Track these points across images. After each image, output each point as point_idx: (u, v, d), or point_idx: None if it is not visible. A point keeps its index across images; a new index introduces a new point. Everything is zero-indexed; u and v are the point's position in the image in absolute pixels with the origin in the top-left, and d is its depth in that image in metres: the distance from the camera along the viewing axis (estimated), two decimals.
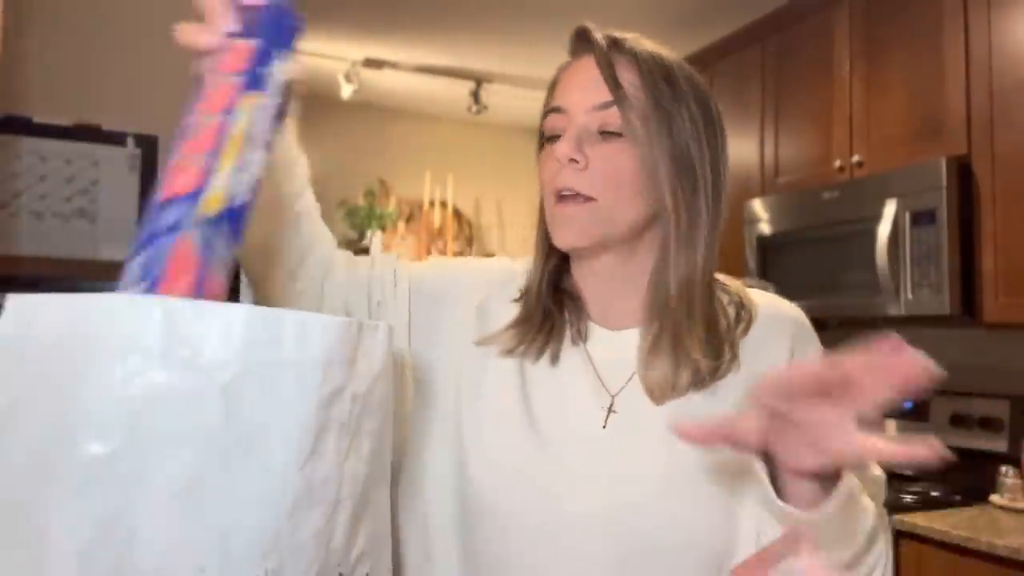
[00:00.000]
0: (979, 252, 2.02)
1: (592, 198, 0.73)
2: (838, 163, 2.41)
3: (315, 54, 3.71)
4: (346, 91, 3.82)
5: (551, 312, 0.80)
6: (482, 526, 0.73)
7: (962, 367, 2.34)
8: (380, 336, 0.58)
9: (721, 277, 0.81)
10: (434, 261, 0.94)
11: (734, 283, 0.81)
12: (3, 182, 2.10)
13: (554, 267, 0.82)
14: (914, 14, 2.22)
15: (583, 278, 0.81)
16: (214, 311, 0.49)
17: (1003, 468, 2.01)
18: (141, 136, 2.25)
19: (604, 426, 0.74)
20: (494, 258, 0.91)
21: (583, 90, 0.76)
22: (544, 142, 0.79)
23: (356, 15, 3.30)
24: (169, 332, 0.48)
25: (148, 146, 2.26)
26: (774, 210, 2.55)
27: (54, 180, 2.15)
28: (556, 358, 0.78)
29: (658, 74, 0.75)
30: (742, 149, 2.80)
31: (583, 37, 0.80)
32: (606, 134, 0.74)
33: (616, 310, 0.79)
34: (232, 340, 0.49)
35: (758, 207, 2.61)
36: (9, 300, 0.47)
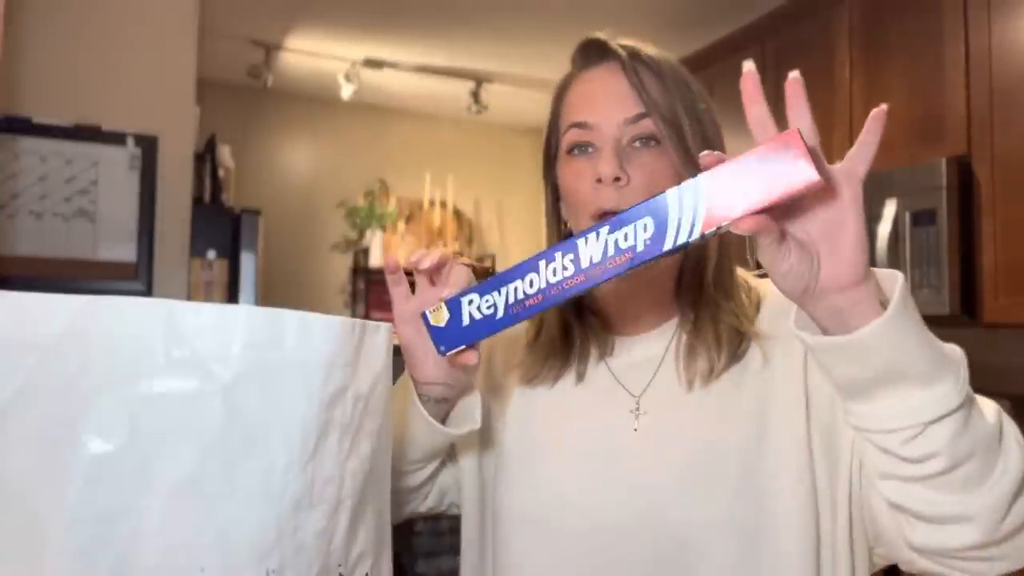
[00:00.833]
0: (979, 252, 2.02)
1: None
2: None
3: (315, 54, 3.72)
4: (346, 91, 3.82)
5: (571, 330, 0.81)
6: (520, 535, 0.75)
7: None
8: (381, 336, 0.58)
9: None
10: None
11: (743, 273, 0.82)
12: (3, 182, 2.10)
13: None
14: (914, 14, 2.22)
15: (607, 289, 0.82)
16: (215, 312, 0.49)
17: None
18: (141, 136, 2.25)
19: (635, 429, 0.75)
20: None
21: (611, 104, 0.75)
22: (565, 155, 0.78)
23: (356, 15, 3.30)
24: (171, 332, 0.48)
25: (148, 146, 2.26)
26: None
27: (54, 180, 2.15)
28: (582, 377, 0.80)
29: (678, 80, 0.76)
30: (742, 149, 2.79)
31: (599, 48, 0.79)
32: (640, 147, 0.74)
33: (638, 313, 0.80)
34: (234, 340, 0.49)
35: None
36: (9, 299, 0.47)
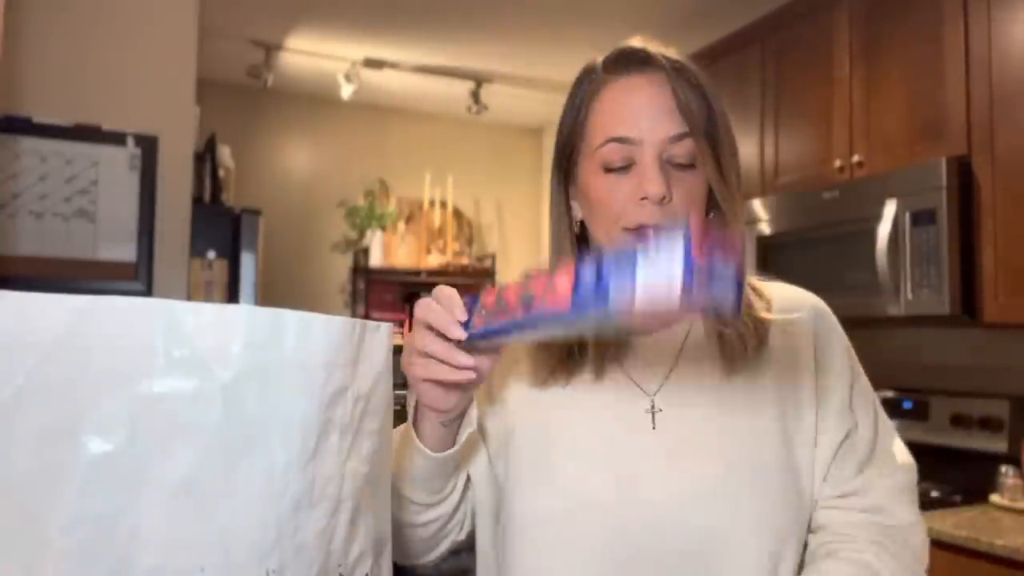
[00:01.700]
0: (979, 252, 2.02)
1: None
2: (838, 163, 2.41)
3: (315, 54, 3.71)
4: (346, 91, 3.82)
5: (584, 336, 0.80)
6: (536, 545, 0.75)
7: (962, 367, 2.34)
8: (381, 336, 0.58)
9: None
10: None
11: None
12: (3, 182, 2.10)
13: None
14: (914, 14, 2.22)
15: None
16: (215, 312, 0.49)
17: (1003, 468, 2.00)
18: (141, 136, 2.25)
19: (654, 427, 0.75)
20: None
21: (656, 119, 0.73)
22: (601, 168, 0.76)
23: (356, 15, 3.30)
24: (171, 332, 0.48)
25: (148, 146, 2.26)
26: (774, 210, 2.55)
27: (54, 180, 2.15)
28: (599, 375, 0.79)
29: (713, 96, 0.75)
30: (742, 149, 2.78)
31: (641, 57, 0.76)
32: (680, 164, 0.74)
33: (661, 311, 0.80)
34: (234, 340, 0.49)
35: (758, 207, 2.61)
36: (9, 299, 0.47)
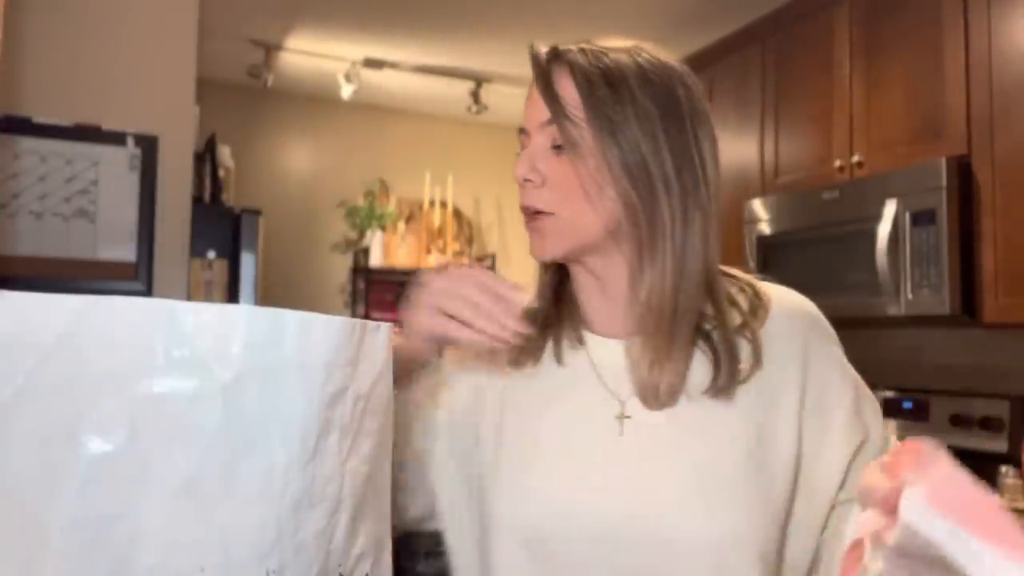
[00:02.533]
0: (979, 252, 2.02)
1: (551, 212, 0.75)
2: (838, 163, 2.41)
3: (315, 54, 3.71)
4: (346, 91, 3.82)
5: (551, 317, 0.82)
6: (512, 544, 0.75)
7: (962, 367, 2.34)
8: (381, 336, 0.58)
9: (730, 270, 0.81)
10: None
11: (744, 276, 0.81)
12: (3, 182, 2.10)
13: (554, 276, 0.84)
14: (914, 14, 2.22)
15: (577, 286, 0.83)
16: (215, 312, 0.49)
17: (1003, 468, 2.00)
18: (141, 136, 2.25)
19: (621, 434, 0.75)
20: None
21: (532, 108, 0.77)
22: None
23: (356, 15, 3.30)
24: (171, 332, 0.48)
25: (148, 146, 2.26)
26: (774, 210, 2.55)
27: (54, 180, 2.15)
28: (560, 359, 0.80)
29: (596, 80, 0.73)
30: (742, 149, 2.80)
31: (532, 57, 0.79)
32: (556, 148, 0.75)
33: (606, 317, 0.80)
34: (234, 340, 0.49)
35: (758, 207, 2.61)
36: (9, 299, 0.47)
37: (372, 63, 3.79)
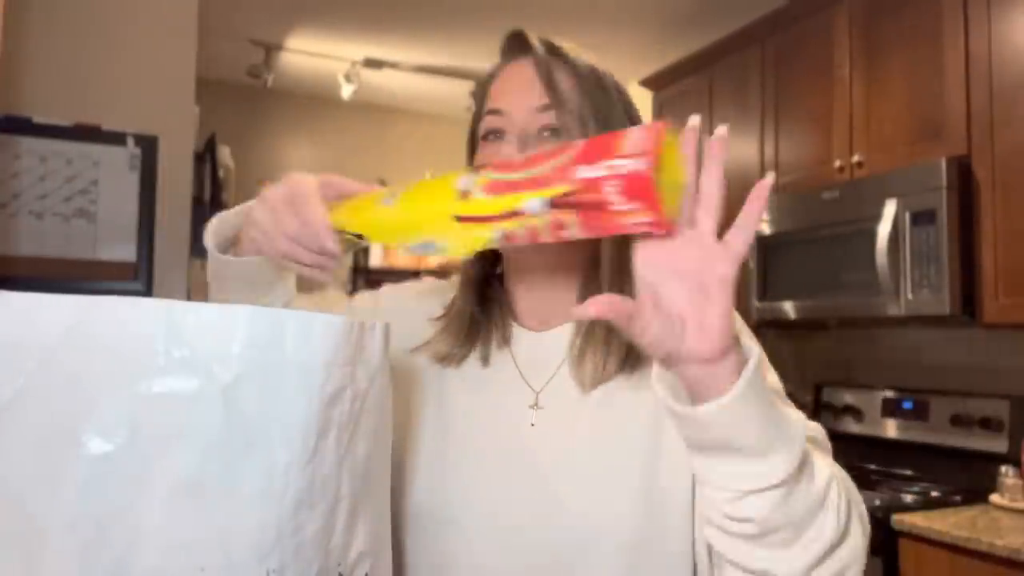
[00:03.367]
0: (979, 252, 2.02)
1: None
2: (838, 163, 2.41)
3: (315, 54, 3.72)
4: (346, 91, 3.82)
5: (477, 317, 0.82)
6: (422, 529, 0.75)
7: (962, 367, 2.34)
8: (378, 335, 0.58)
9: None
10: (363, 293, 0.99)
11: None
12: (3, 182, 2.10)
13: (481, 271, 0.84)
14: (914, 14, 2.22)
15: (516, 279, 0.83)
16: (216, 312, 0.49)
17: (1003, 468, 2.01)
18: (141, 136, 2.25)
19: (533, 423, 0.76)
20: (423, 279, 0.94)
21: (522, 92, 0.78)
22: (481, 140, 0.81)
23: (356, 15, 3.30)
24: (171, 332, 0.48)
25: (148, 146, 2.26)
26: (774, 210, 2.55)
27: (54, 180, 2.15)
28: (486, 361, 0.81)
29: (593, 81, 0.78)
30: (742, 149, 2.80)
31: (519, 41, 0.82)
32: (547, 137, 0.76)
33: (547, 309, 0.81)
34: (234, 340, 0.49)
35: None
36: (11, 300, 0.47)
37: (372, 63, 3.79)
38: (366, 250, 4.21)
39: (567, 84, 0.77)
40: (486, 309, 0.83)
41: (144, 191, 2.24)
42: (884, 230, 2.13)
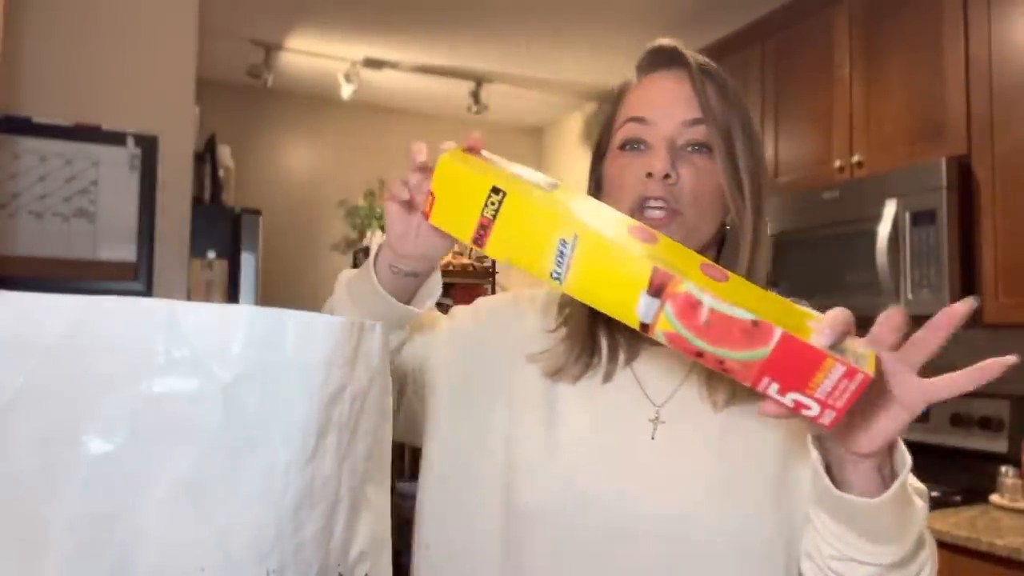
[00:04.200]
0: (979, 252, 2.02)
1: (679, 211, 0.75)
2: (838, 163, 2.41)
3: (315, 54, 3.71)
4: (346, 91, 3.82)
5: (598, 332, 0.81)
6: (531, 536, 0.74)
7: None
8: (377, 335, 0.58)
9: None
10: (460, 309, 0.96)
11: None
12: (3, 182, 2.10)
13: None
14: (914, 14, 2.22)
15: None
16: (216, 312, 0.49)
17: (1003, 468, 2.00)
18: (141, 136, 2.25)
19: (653, 437, 0.76)
20: (522, 291, 0.93)
21: (672, 105, 0.78)
22: (616, 149, 0.80)
23: (356, 15, 3.30)
24: (171, 332, 0.48)
25: (148, 146, 2.26)
26: (774, 210, 2.55)
27: (54, 180, 2.15)
28: (609, 377, 0.80)
29: (735, 98, 0.80)
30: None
31: (669, 54, 0.81)
32: (693, 150, 0.76)
33: None
34: (234, 340, 0.49)
35: None
36: (10, 300, 0.47)
37: (372, 63, 3.79)
38: (366, 250, 4.20)
39: (716, 99, 0.78)
40: (604, 320, 0.81)
41: (144, 191, 2.24)
42: (884, 230, 2.13)
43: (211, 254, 2.57)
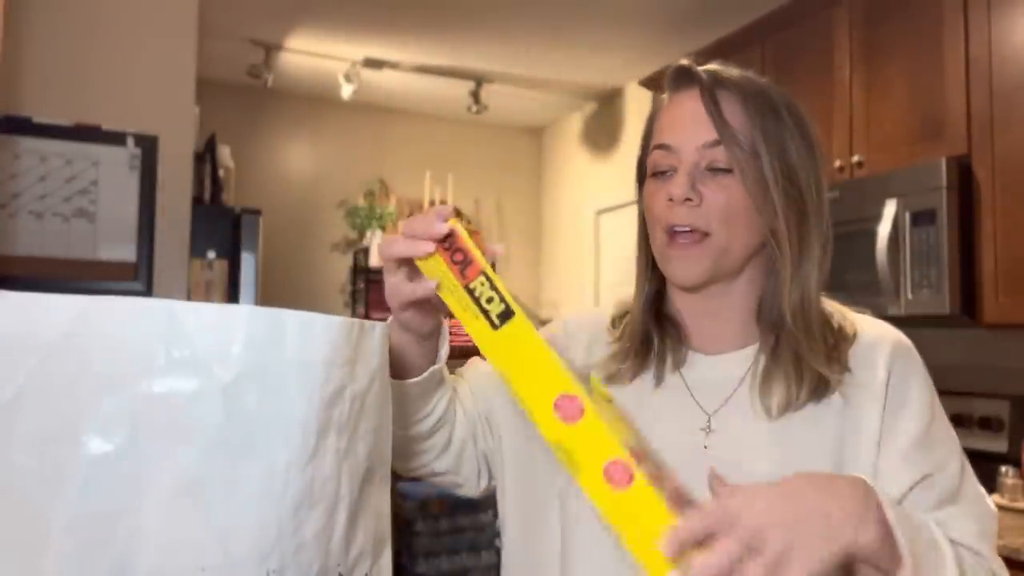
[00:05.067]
0: (979, 252, 2.02)
1: (707, 233, 0.75)
2: (838, 163, 2.41)
3: (315, 54, 3.71)
4: (346, 91, 3.82)
5: (651, 337, 0.82)
6: (586, 541, 0.75)
7: (962, 367, 2.34)
8: (377, 336, 0.58)
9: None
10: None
11: (830, 302, 0.82)
12: (3, 182, 2.10)
13: (655, 292, 0.84)
14: (914, 14, 2.22)
15: (684, 304, 0.83)
16: (216, 312, 0.49)
17: (1003, 468, 2.00)
18: (141, 136, 2.25)
19: (706, 446, 0.76)
20: (580, 312, 0.94)
21: (690, 128, 0.77)
22: (649, 176, 0.80)
23: (356, 15, 3.30)
24: (171, 332, 0.48)
25: (148, 146, 2.26)
26: None
27: (54, 180, 2.15)
28: (659, 381, 0.80)
29: (762, 106, 0.76)
30: None
31: (684, 74, 0.80)
32: (716, 170, 0.75)
33: (713, 335, 0.81)
34: (234, 340, 0.49)
35: None
36: (10, 300, 0.47)
37: (372, 63, 3.79)
38: (366, 251, 4.21)
39: (735, 115, 0.76)
40: (659, 327, 0.82)
41: (144, 191, 2.24)
42: (884, 230, 2.13)
43: (211, 254, 2.57)
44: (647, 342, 0.81)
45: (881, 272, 2.12)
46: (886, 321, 0.84)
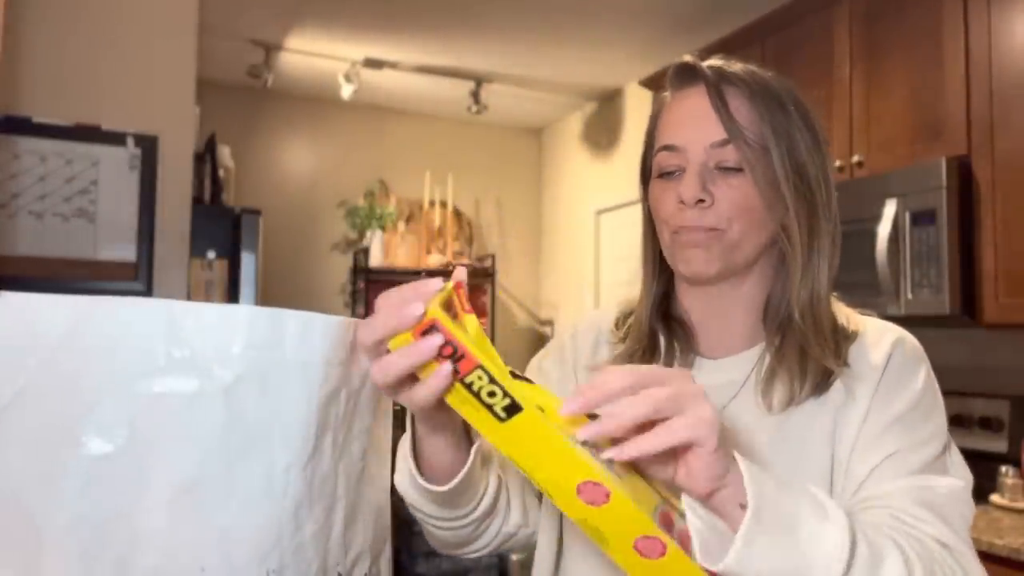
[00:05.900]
0: (979, 252, 2.02)
1: (720, 230, 0.75)
2: (838, 163, 2.41)
3: (315, 54, 3.71)
4: (346, 91, 3.82)
5: (658, 339, 0.81)
6: (582, 538, 0.75)
7: (962, 367, 2.34)
8: None
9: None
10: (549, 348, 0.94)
11: (838, 304, 0.82)
12: (3, 182, 2.10)
13: (662, 293, 0.84)
14: (914, 14, 2.22)
15: (692, 304, 0.82)
16: (216, 312, 0.49)
17: (1003, 468, 2.00)
18: (141, 136, 2.25)
19: None
20: (585, 315, 0.94)
21: (697, 127, 0.75)
22: (656, 177, 0.79)
23: (356, 15, 3.30)
24: (171, 332, 0.48)
25: (148, 146, 2.26)
26: None
27: (54, 180, 2.15)
28: None
29: (769, 100, 0.75)
30: None
31: (689, 71, 0.79)
32: (726, 169, 0.74)
33: (720, 336, 0.81)
34: (234, 341, 0.49)
35: None
36: (10, 300, 0.47)
37: (372, 63, 3.79)
38: (366, 251, 4.20)
39: (743, 111, 0.74)
40: (667, 328, 0.82)
41: (144, 191, 2.24)
42: (884, 230, 2.13)
43: (211, 254, 2.57)
44: (654, 344, 0.81)
45: (881, 272, 2.12)
46: (887, 321, 0.84)
